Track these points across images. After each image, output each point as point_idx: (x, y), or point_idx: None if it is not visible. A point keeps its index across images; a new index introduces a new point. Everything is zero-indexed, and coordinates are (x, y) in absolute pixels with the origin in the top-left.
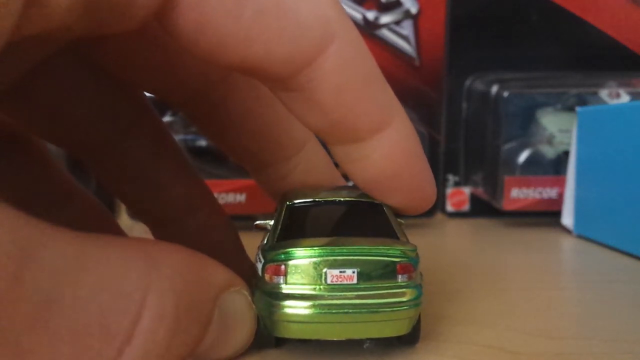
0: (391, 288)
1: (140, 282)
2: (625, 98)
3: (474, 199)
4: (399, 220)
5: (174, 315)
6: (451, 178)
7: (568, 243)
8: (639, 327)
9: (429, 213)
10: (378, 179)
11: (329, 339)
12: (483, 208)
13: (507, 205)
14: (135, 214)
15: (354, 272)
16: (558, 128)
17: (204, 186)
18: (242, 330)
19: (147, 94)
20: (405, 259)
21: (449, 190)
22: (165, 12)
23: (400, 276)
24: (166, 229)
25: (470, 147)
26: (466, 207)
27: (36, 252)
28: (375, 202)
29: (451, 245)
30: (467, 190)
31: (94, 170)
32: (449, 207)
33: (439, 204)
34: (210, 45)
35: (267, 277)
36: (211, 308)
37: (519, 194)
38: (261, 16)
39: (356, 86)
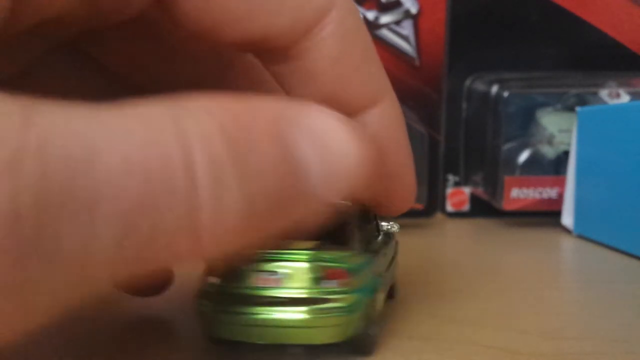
0: (316, 294)
1: (169, 115)
2: (625, 98)
3: (474, 199)
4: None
5: (224, 140)
6: (451, 178)
7: (568, 243)
8: (639, 327)
9: (429, 213)
10: None
11: (256, 342)
12: (483, 208)
13: (507, 205)
14: None
15: (279, 276)
16: (558, 128)
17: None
18: (348, 155)
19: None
20: (336, 265)
21: (449, 190)
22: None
23: (328, 282)
24: None
25: (470, 147)
26: (466, 207)
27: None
28: (345, 213)
29: (451, 245)
30: (467, 190)
31: None
32: (449, 207)
33: (439, 204)
34: (213, 23)
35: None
36: (280, 130)
37: (519, 194)
38: None
39: (352, 57)
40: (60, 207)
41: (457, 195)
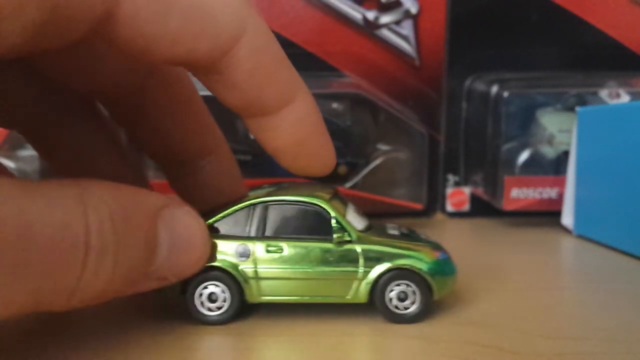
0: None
1: (77, 200)
2: (625, 98)
3: (474, 199)
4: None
5: (112, 228)
6: (451, 178)
7: (568, 243)
8: (639, 327)
9: (429, 213)
10: (286, 146)
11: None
12: (483, 208)
13: (507, 205)
14: (153, 157)
15: None
16: (558, 128)
17: (216, 133)
18: (193, 249)
19: None
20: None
21: (449, 190)
22: (104, 26)
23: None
24: (179, 170)
25: (470, 147)
26: (466, 207)
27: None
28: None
29: (451, 245)
30: (467, 190)
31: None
32: (449, 207)
33: (439, 204)
34: (143, 49)
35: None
36: (152, 224)
37: (519, 194)
38: (185, 22)
39: (265, 69)
40: None
41: (457, 195)
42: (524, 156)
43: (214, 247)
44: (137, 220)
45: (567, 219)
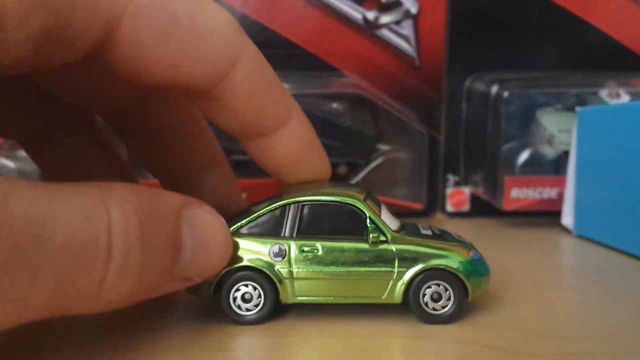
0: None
1: (99, 199)
2: (625, 98)
3: (474, 199)
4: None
5: (138, 227)
6: (451, 178)
7: (568, 243)
8: (639, 327)
9: (429, 213)
10: (284, 164)
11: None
12: (483, 208)
13: (507, 205)
14: (154, 173)
15: None
16: (558, 128)
17: (216, 148)
18: (217, 247)
19: None
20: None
21: (449, 190)
22: (103, 47)
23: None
24: (180, 186)
25: (470, 147)
26: (466, 207)
27: (10, 197)
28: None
29: None
30: (467, 190)
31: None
32: (449, 207)
33: (439, 204)
34: (141, 71)
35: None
36: (176, 223)
37: (519, 194)
38: (183, 46)
39: (261, 92)
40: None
41: (457, 195)
42: (524, 156)
43: (238, 247)
44: (162, 219)
45: (567, 219)
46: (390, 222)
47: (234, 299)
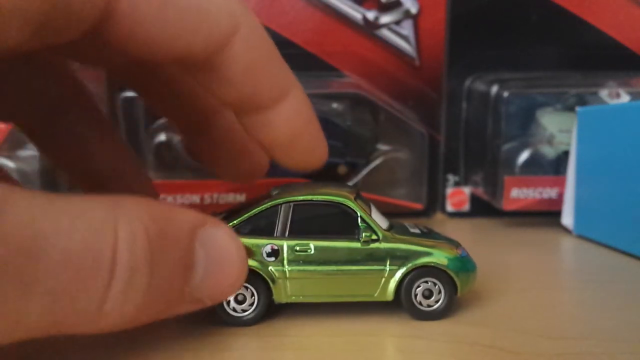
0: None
1: (108, 214)
2: (625, 98)
3: (474, 199)
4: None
5: (147, 246)
6: (451, 178)
7: (568, 243)
8: (639, 327)
9: (429, 213)
10: (281, 141)
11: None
12: (483, 208)
13: (507, 205)
14: (72, 179)
15: None
16: (558, 128)
17: (129, 154)
18: (230, 270)
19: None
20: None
21: (449, 190)
22: (101, 24)
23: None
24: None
25: (470, 147)
26: (466, 207)
27: (7, 207)
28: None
29: None
30: (467, 190)
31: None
32: (449, 207)
33: (439, 204)
34: (141, 45)
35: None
36: (189, 243)
37: (519, 194)
38: (182, 17)
39: (260, 64)
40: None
41: (457, 195)
42: (524, 156)
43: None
44: (174, 238)
45: (567, 219)
46: (380, 221)
47: (227, 300)
